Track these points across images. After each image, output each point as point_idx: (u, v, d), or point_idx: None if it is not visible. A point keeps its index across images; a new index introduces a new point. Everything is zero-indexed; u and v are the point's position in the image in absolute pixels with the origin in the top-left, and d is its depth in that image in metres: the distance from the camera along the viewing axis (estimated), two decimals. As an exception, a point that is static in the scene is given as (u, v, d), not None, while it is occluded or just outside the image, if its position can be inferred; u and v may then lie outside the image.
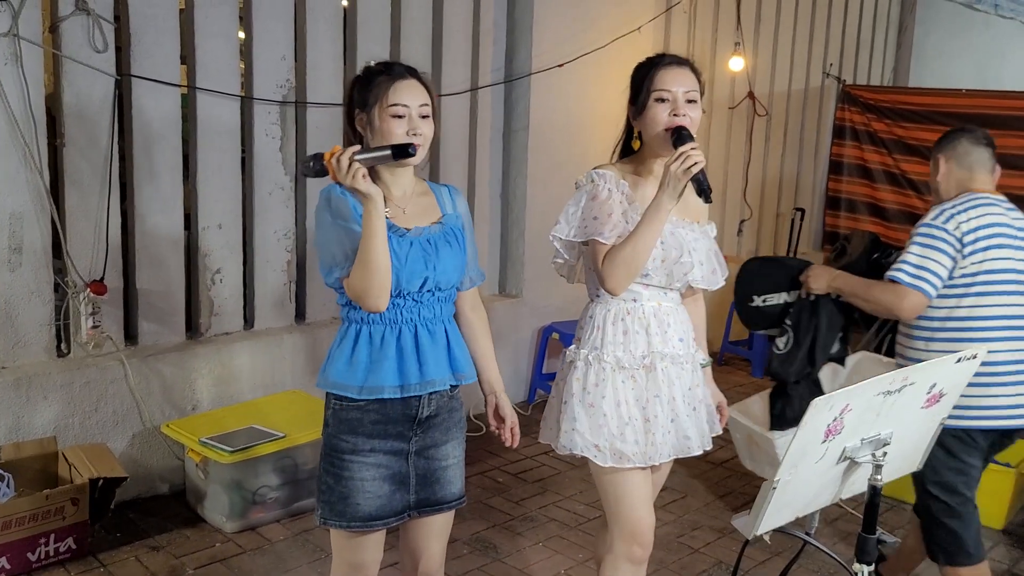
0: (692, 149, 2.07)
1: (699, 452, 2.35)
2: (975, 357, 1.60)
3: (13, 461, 3.28)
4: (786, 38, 6.41)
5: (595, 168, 2.33)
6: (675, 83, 2.20)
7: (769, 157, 6.53)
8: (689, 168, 2.05)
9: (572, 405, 2.31)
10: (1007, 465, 3.88)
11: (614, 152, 2.41)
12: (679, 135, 2.14)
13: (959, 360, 1.57)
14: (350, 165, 1.90)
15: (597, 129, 5.11)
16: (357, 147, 1.95)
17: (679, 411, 2.31)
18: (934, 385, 1.58)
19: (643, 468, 2.31)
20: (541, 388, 4.97)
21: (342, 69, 4.18)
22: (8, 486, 3.20)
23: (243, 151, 3.98)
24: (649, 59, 2.30)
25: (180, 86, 3.69)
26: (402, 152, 1.94)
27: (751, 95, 6.12)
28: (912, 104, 6.25)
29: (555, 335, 4.95)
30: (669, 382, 2.30)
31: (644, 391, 2.29)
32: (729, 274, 2.45)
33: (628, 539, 2.31)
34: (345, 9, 4.22)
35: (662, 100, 2.20)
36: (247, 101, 3.90)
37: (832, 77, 6.78)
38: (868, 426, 1.54)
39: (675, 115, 2.19)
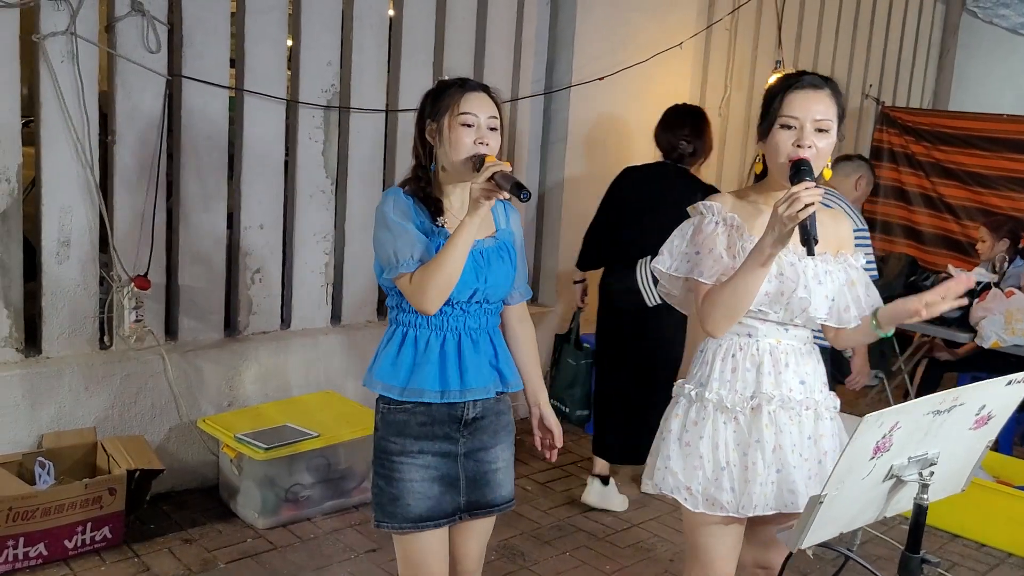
0: (806, 189, 1.85)
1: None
2: (1024, 381, 1.61)
3: (54, 450, 3.35)
4: (826, 58, 6.40)
5: (707, 198, 2.18)
6: (804, 109, 1.99)
7: (805, 176, 6.51)
8: (797, 213, 1.84)
9: (668, 442, 2.18)
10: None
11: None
12: (797, 170, 1.94)
13: (1009, 383, 1.57)
14: (491, 177, 1.96)
15: (636, 144, 5.12)
16: (510, 167, 2.01)
17: (787, 461, 2.08)
18: (983, 407, 1.59)
19: (736, 518, 2.14)
20: (570, 399, 4.97)
21: (386, 76, 4.24)
22: (49, 474, 3.26)
23: (286, 154, 4.04)
24: (785, 77, 2.09)
25: (229, 88, 3.75)
26: (517, 188, 1.95)
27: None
28: (952, 128, 6.21)
29: (585, 346, 4.95)
30: (776, 428, 2.08)
31: (747, 435, 2.10)
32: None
33: None
34: (391, 18, 4.28)
35: (788, 127, 2.00)
36: (292, 105, 3.96)
37: (871, 98, 6.76)
38: (916, 445, 1.55)
39: (799, 145, 1.98)
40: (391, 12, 4.28)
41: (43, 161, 3.35)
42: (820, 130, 1.99)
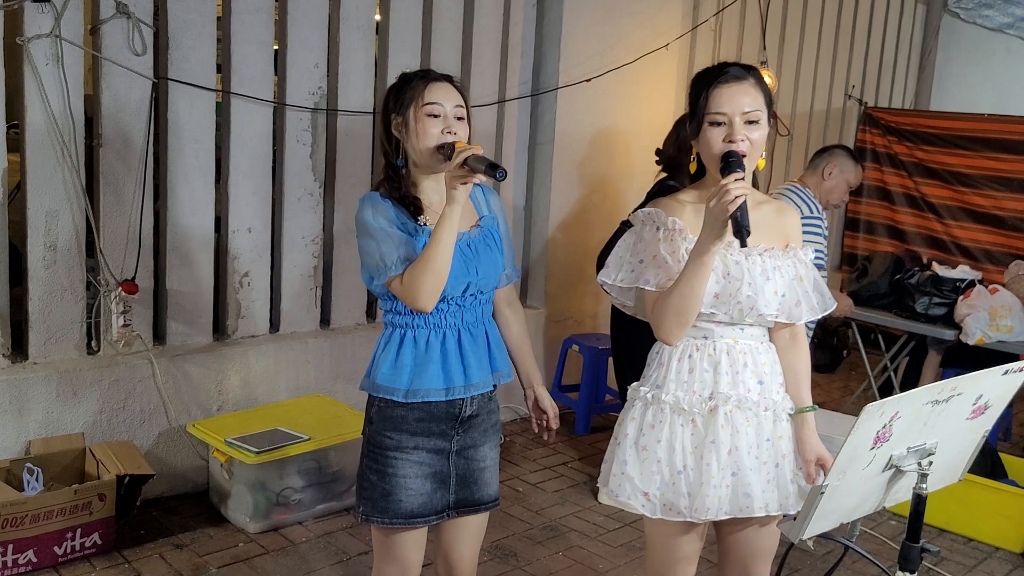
0: (735, 181, 1.83)
1: (762, 513, 2.03)
2: (1022, 370, 1.62)
3: (42, 456, 3.32)
4: (810, 59, 6.44)
5: (648, 205, 2.11)
6: (731, 104, 1.94)
7: (791, 176, 6.54)
8: (727, 205, 1.82)
9: (624, 447, 2.10)
10: (1027, 488, 3.89)
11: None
12: (726, 163, 1.91)
13: (1006, 372, 1.59)
14: (464, 162, 1.95)
15: (622, 145, 5.15)
16: (481, 150, 1.99)
17: (743, 464, 2.02)
18: (980, 396, 1.60)
19: (694, 523, 2.09)
20: (560, 400, 4.98)
21: (373, 78, 4.23)
22: (37, 480, 3.23)
23: (274, 157, 4.03)
24: (707, 72, 2.03)
25: (215, 91, 3.73)
26: (492, 169, 1.94)
27: (774, 114, 6.12)
28: (934, 128, 6.27)
29: (575, 347, 4.97)
30: (732, 429, 2.02)
31: (702, 437, 2.04)
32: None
33: None
34: (378, 21, 4.27)
35: (717, 124, 1.96)
36: (279, 107, 3.94)
37: (854, 99, 6.81)
38: (915, 435, 1.56)
39: (731, 141, 1.94)
40: (378, 17, 4.27)
41: (28, 165, 3.32)
42: (750, 122, 1.96)
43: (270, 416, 3.73)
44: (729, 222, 1.85)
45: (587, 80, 4.82)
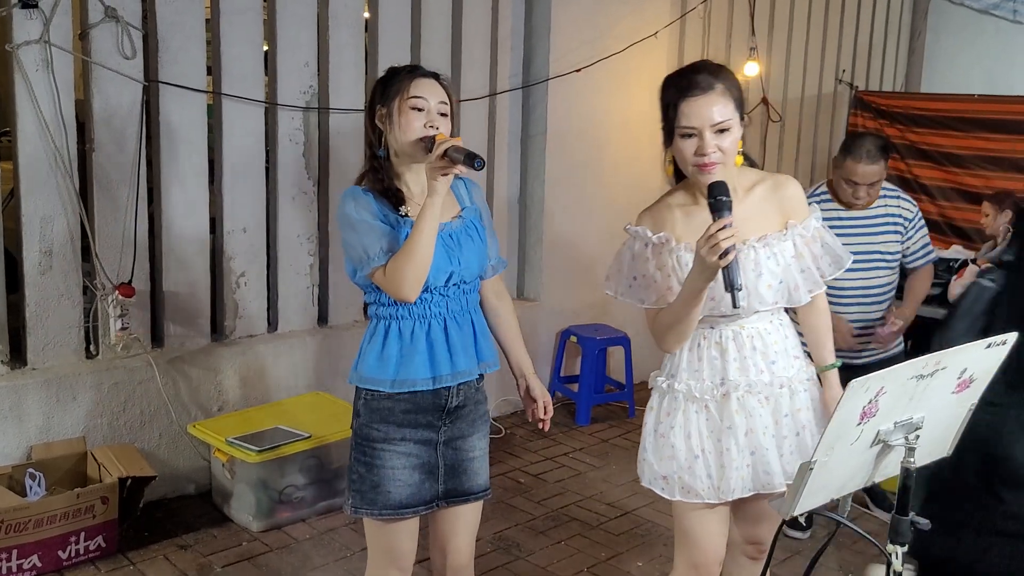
0: (722, 230, 1.83)
1: (783, 488, 2.09)
2: (1004, 343, 1.64)
3: (44, 461, 3.34)
4: (799, 44, 6.45)
5: (641, 214, 2.19)
6: (700, 117, 1.97)
7: (783, 162, 6.56)
8: (719, 259, 1.83)
9: (644, 434, 2.25)
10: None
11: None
12: (715, 199, 1.90)
13: (989, 346, 1.61)
14: (444, 153, 1.99)
15: (614, 134, 5.16)
16: (461, 141, 2.02)
17: (760, 444, 2.11)
18: (965, 370, 1.62)
19: (716, 503, 2.18)
20: (559, 391, 5.00)
21: (364, 75, 4.25)
22: (39, 485, 3.25)
23: (267, 156, 4.04)
24: (676, 81, 2.05)
25: (206, 92, 3.75)
26: (470, 159, 1.97)
27: (765, 100, 6.15)
28: (925, 110, 6.27)
29: (573, 338, 4.99)
30: (746, 413, 2.11)
31: (718, 422, 2.13)
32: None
33: (689, 571, 2.26)
34: (367, 18, 4.29)
35: (688, 136, 2.00)
36: (271, 107, 3.96)
37: (845, 83, 6.81)
38: (901, 410, 1.58)
39: (701, 154, 1.98)
40: (367, 15, 4.28)
41: (21, 171, 3.34)
42: (721, 131, 1.98)
43: (270, 415, 3.75)
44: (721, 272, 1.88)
45: (578, 70, 4.83)
